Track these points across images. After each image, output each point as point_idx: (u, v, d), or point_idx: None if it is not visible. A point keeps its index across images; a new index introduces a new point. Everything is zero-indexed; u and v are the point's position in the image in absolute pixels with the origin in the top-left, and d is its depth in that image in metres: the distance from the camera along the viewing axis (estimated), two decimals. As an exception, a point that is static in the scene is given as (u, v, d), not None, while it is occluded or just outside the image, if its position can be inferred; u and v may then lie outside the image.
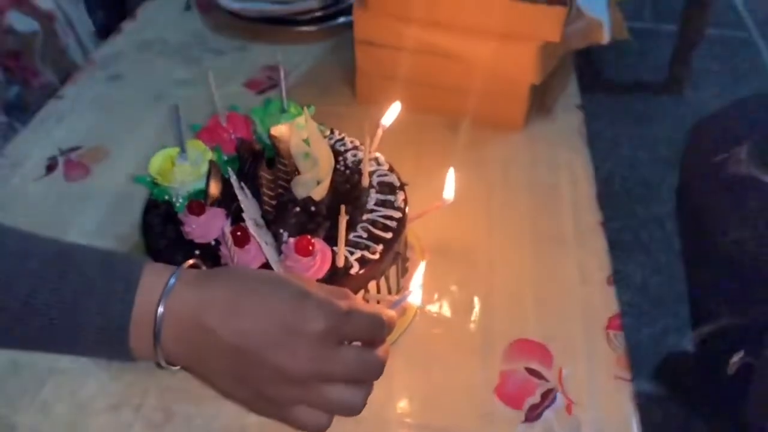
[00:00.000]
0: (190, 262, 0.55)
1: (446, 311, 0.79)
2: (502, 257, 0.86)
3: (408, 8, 0.96)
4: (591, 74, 2.75)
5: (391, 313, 0.57)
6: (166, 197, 0.71)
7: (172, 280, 0.51)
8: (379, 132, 0.84)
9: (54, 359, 0.70)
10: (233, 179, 0.66)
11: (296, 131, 0.76)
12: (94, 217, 0.90)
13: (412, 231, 0.87)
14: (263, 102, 0.83)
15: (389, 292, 0.74)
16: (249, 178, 0.71)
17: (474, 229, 0.90)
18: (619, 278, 0.83)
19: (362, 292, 0.69)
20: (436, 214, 0.86)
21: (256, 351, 0.50)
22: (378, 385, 0.55)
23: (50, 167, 0.97)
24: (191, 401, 0.68)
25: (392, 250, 0.70)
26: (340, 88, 1.13)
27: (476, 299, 0.80)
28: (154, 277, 0.51)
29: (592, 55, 2.83)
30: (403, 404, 0.70)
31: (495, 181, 0.97)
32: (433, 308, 0.79)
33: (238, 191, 0.64)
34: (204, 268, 0.57)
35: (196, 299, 0.51)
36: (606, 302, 0.79)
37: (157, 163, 0.73)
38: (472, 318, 0.78)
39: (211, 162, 0.69)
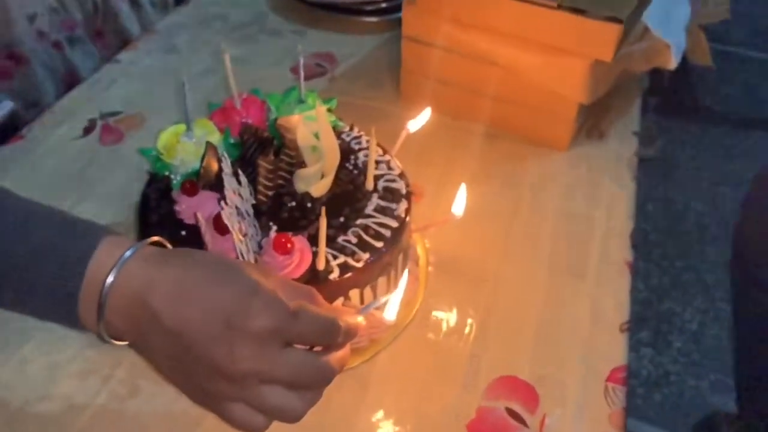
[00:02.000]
0: (154, 238, 0.54)
1: (438, 331, 0.75)
2: (511, 283, 0.80)
3: (457, 9, 0.92)
4: (682, 98, 2.57)
5: (353, 320, 0.54)
6: (167, 173, 0.71)
7: (128, 254, 0.50)
8: (403, 135, 0.80)
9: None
10: (225, 163, 0.64)
11: (306, 123, 0.74)
12: (116, 183, 0.91)
13: (421, 243, 0.83)
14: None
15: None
16: (249, 165, 0.70)
17: (487, 249, 0.84)
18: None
19: (341, 299, 0.66)
20: (450, 228, 0.82)
21: (195, 341, 0.48)
22: (352, 391, 0.52)
23: (88, 129, 1.00)
24: (158, 380, 0.68)
25: (381, 260, 0.67)
26: (388, 85, 1.10)
27: (472, 324, 0.75)
28: (111, 248, 0.50)
29: (690, 78, 2.65)
30: (375, 418, 0.67)
31: (523, 201, 0.91)
32: (425, 326, 0.75)
33: (226, 176, 0.63)
34: (170, 247, 0.56)
35: (146, 277, 0.49)
36: (614, 350, 0.73)
37: (165, 137, 0.72)
38: (463, 343, 0.73)
39: (208, 144, 0.67)
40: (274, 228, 0.66)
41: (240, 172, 0.68)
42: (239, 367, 0.47)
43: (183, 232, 0.67)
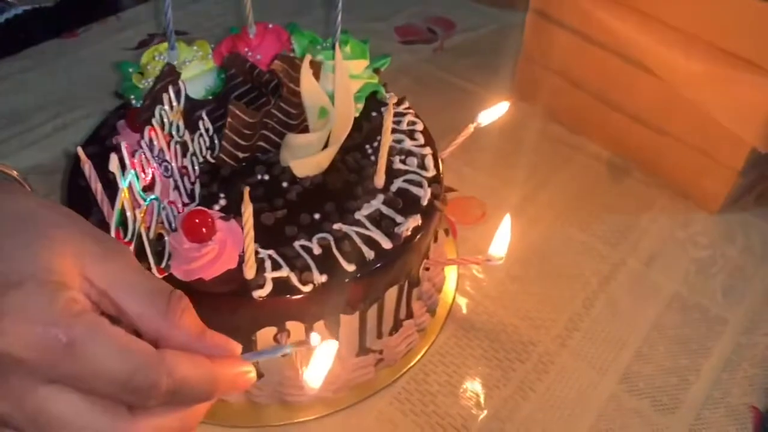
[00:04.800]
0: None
1: (425, 406, 0.51)
2: (557, 379, 0.54)
3: (606, -21, 0.65)
4: None
5: (229, 367, 0.33)
6: (131, 97, 0.54)
7: None
8: (469, 129, 0.57)
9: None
10: (172, 93, 0.45)
11: (322, 74, 0.53)
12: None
13: (449, 281, 0.59)
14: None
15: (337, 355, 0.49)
16: (222, 108, 0.50)
17: (543, 319, 0.58)
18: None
19: (272, 329, 0.45)
20: (499, 275, 0.58)
21: None
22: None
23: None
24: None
25: (344, 291, 0.44)
26: (502, 72, 0.85)
27: (484, 413, 0.51)
28: None
29: None
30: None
31: (625, 268, 0.63)
32: (411, 394, 0.52)
33: (159, 109, 0.44)
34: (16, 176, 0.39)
35: None
36: None
37: (148, 54, 0.55)
38: (469, 426, 0.50)
39: (166, 65, 0.49)
40: (222, 203, 0.47)
41: (204, 115, 0.49)
42: None
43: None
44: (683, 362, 0.56)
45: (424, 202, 0.49)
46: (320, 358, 0.40)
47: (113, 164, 0.38)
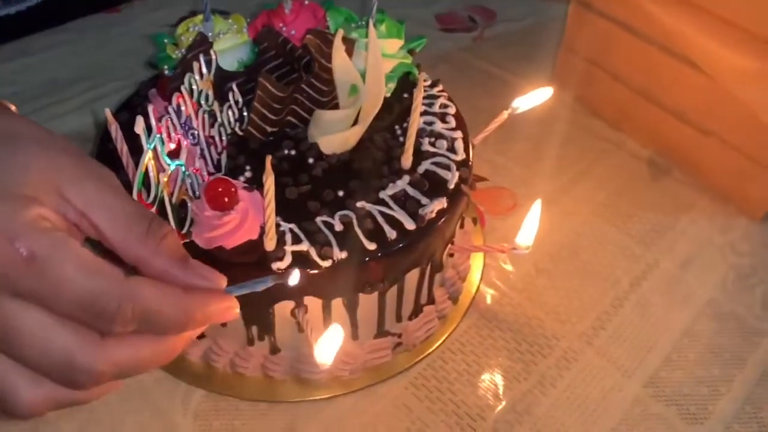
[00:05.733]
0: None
1: (442, 394, 0.50)
2: (579, 376, 0.52)
3: (656, -32, 0.63)
4: None
5: (203, 298, 0.32)
6: (164, 67, 0.54)
7: None
8: (504, 115, 0.56)
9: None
10: (203, 63, 0.45)
11: (355, 52, 0.52)
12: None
13: (474, 271, 0.58)
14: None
15: (353, 335, 0.48)
16: (252, 81, 0.50)
17: (569, 314, 0.57)
18: None
19: (290, 303, 0.44)
20: (525, 267, 0.57)
21: None
22: None
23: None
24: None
25: (365, 269, 0.44)
26: (542, 64, 0.82)
27: (502, 403, 0.49)
28: None
29: None
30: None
31: (658, 269, 0.61)
32: (425, 380, 0.51)
33: (189, 76, 0.44)
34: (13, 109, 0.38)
35: None
36: None
37: (183, 26, 0.56)
38: (485, 416, 0.49)
39: (200, 35, 0.49)
40: (248, 174, 0.47)
41: (234, 87, 0.49)
42: None
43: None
44: (715, 372, 0.53)
45: (451, 186, 0.48)
46: (331, 335, 0.39)
47: (139, 126, 0.38)
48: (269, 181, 0.39)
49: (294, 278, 0.36)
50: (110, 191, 0.32)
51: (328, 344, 0.39)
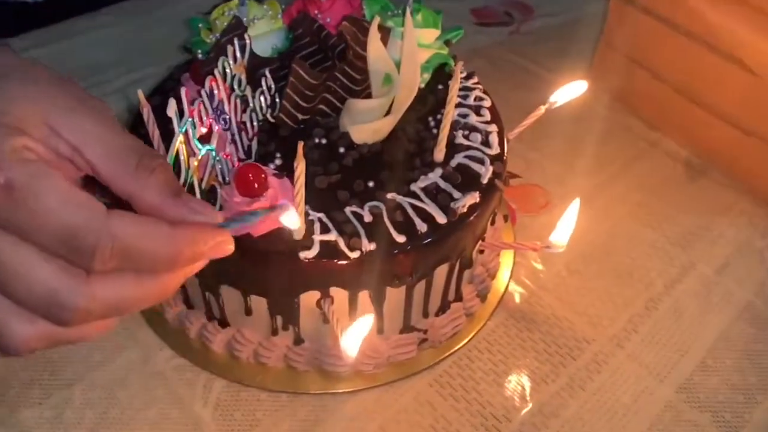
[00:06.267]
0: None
1: (466, 392, 0.49)
2: (610, 380, 0.51)
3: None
4: None
5: (194, 228, 0.31)
6: (198, 51, 0.53)
7: None
8: (540, 110, 0.55)
9: None
10: (237, 47, 0.45)
11: (390, 40, 0.51)
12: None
13: (503, 269, 0.57)
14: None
15: (379, 329, 0.47)
16: (286, 68, 0.49)
17: (601, 316, 0.55)
18: None
19: (315, 293, 0.44)
20: (557, 266, 0.56)
21: None
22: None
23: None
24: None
25: (393, 262, 0.43)
26: (579, 59, 0.80)
27: (529, 406, 0.48)
28: None
29: None
30: None
31: (694, 272, 0.59)
32: (451, 378, 0.50)
33: (222, 60, 0.43)
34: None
35: None
36: None
37: (218, 11, 0.55)
38: (510, 417, 0.48)
39: (235, 18, 0.48)
40: (278, 161, 0.47)
41: (267, 73, 0.48)
42: None
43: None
44: (752, 379, 0.52)
45: (485, 180, 0.47)
46: (358, 326, 0.39)
47: (171, 109, 0.38)
48: (300, 167, 0.38)
49: (290, 217, 0.34)
50: (103, 124, 0.31)
51: (357, 334, 0.38)
